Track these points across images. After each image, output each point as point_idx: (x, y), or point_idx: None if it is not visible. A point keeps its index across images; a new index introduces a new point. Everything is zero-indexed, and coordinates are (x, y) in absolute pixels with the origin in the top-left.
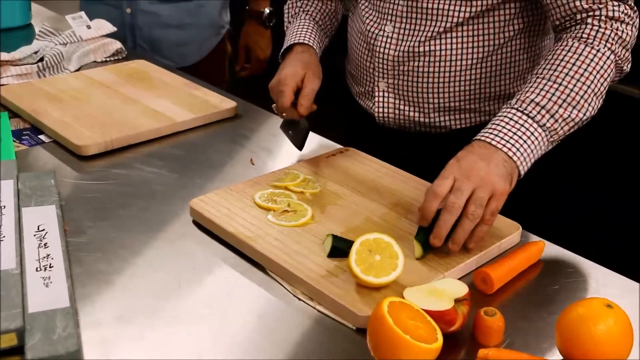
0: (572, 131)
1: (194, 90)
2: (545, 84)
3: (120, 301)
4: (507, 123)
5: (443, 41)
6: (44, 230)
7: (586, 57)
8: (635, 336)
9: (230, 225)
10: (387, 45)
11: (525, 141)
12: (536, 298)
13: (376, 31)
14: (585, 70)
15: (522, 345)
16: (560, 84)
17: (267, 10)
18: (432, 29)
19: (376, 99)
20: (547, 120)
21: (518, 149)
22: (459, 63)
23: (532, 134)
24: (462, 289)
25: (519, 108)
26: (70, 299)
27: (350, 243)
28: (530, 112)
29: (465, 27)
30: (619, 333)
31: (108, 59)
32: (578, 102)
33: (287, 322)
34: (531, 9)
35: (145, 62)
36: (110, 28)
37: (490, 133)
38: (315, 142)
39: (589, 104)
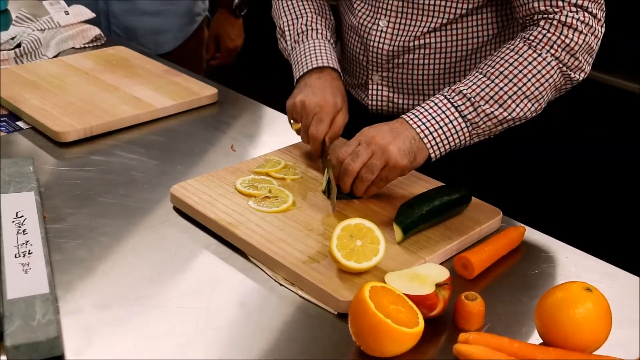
0: (500, 128)
1: (174, 77)
2: (479, 79)
3: (101, 288)
4: (430, 107)
5: (439, 33)
6: (22, 216)
7: (525, 59)
8: (613, 319)
9: (211, 211)
10: (381, 40)
11: (441, 127)
12: (516, 282)
13: (370, 25)
14: (520, 72)
15: (503, 329)
16: (492, 81)
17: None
18: (427, 24)
19: (370, 91)
20: (469, 112)
21: (431, 133)
22: (454, 55)
23: (450, 121)
24: (443, 274)
25: (447, 96)
26: (50, 285)
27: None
28: (456, 101)
29: (461, 20)
30: (598, 316)
31: (87, 46)
32: (505, 101)
33: (269, 308)
34: None
35: (125, 49)
36: (89, 14)
37: (412, 113)
38: None
39: (517, 105)
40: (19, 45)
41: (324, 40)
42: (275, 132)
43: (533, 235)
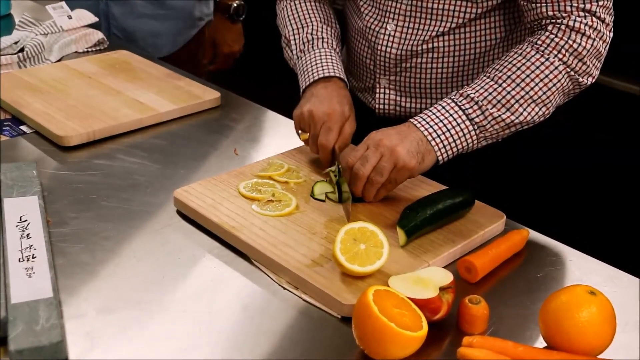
0: (508, 132)
1: (177, 81)
2: (487, 82)
3: (104, 292)
4: (438, 111)
5: (446, 37)
6: (26, 221)
7: (532, 63)
8: (617, 323)
9: (214, 215)
10: (389, 44)
11: (449, 130)
12: (520, 286)
13: (377, 29)
14: (528, 76)
15: (507, 332)
16: (500, 85)
17: (234, 4)
18: (435, 28)
19: (377, 95)
20: (477, 116)
21: (439, 135)
22: (462, 58)
23: (458, 124)
24: (447, 278)
25: (455, 99)
26: (54, 289)
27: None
28: (464, 104)
29: (468, 24)
30: (602, 320)
31: (90, 50)
32: (512, 105)
33: (273, 312)
34: None
35: (127, 53)
36: (92, 18)
37: (420, 117)
38: None
39: (524, 109)
40: (22, 50)
41: (330, 50)
42: (278, 136)
43: (537, 238)
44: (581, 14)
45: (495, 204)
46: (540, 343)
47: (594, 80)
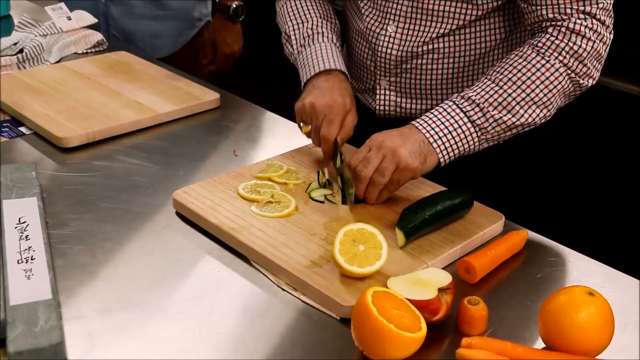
0: (509, 133)
1: (176, 82)
2: (488, 85)
3: (103, 294)
4: (439, 113)
5: (447, 38)
6: (25, 222)
7: (533, 65)
8: (616, 323)
9: (213, 216)
10: (390, 45)
11: (450, 132)
12: (519, 287)
13: (378, 30)
14: (529, 78)
15: (506, 333)
16: (500, 87)
17: (234, 5)
18: (436, 30)
19: (377, 96)
20: (478, 118)
21: (440, 137)
22: (462, 59)
23: (459, 126)
24: (446, 279)
25: (456, 101)
26: (53, 291)
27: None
28: (465, 107)
29: (469, 25)
30: (601, 321)
31: (89, 51)
32: (513, 107)
33: (272, 313)
34: None
35: (127, 54)
36: (91, 19)
37: (421, 119)
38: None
39: (525, 111)
40: (21, 51)
41: (330, 44)
42: (278, 137)
43: (536, 239)
44: (581, 16)
45: (496, 206)
46: (540, 344)
47: (594, 81)
